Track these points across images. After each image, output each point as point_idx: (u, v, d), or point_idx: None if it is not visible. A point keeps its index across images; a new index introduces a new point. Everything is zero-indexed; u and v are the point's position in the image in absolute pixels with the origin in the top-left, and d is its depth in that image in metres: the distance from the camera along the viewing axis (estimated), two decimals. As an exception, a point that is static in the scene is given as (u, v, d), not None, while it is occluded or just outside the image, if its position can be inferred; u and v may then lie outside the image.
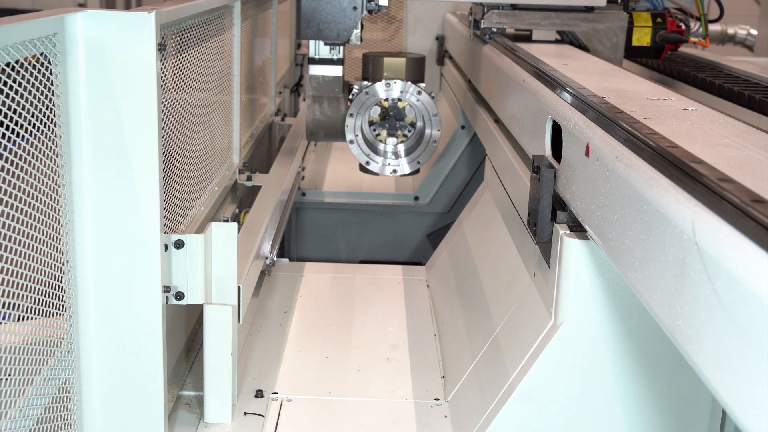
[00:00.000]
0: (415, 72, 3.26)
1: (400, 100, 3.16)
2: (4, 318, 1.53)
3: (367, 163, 3.22)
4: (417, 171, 3.26)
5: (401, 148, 3.26)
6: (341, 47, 3.26)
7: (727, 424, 1.83)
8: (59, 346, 1.84)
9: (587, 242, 1.79)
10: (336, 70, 3.28)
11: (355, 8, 3.07)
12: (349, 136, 3.17)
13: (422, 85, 3.20)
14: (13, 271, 1.56)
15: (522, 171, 2.39)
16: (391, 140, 3.24)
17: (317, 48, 3.24)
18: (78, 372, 1.92)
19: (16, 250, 1.57)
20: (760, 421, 0.95)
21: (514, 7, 3.19)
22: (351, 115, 3.14)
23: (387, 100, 3.20)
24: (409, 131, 3.26)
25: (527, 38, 3.33)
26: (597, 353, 1.84)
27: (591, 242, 1.78)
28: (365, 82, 3.21)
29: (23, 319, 1.62)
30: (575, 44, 3.26)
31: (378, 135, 3.25)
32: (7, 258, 1.54)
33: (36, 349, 1.71)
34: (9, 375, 1.60)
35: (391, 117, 3.23)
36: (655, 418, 1.87)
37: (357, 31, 3.13)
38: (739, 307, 1.01)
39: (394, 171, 3.25)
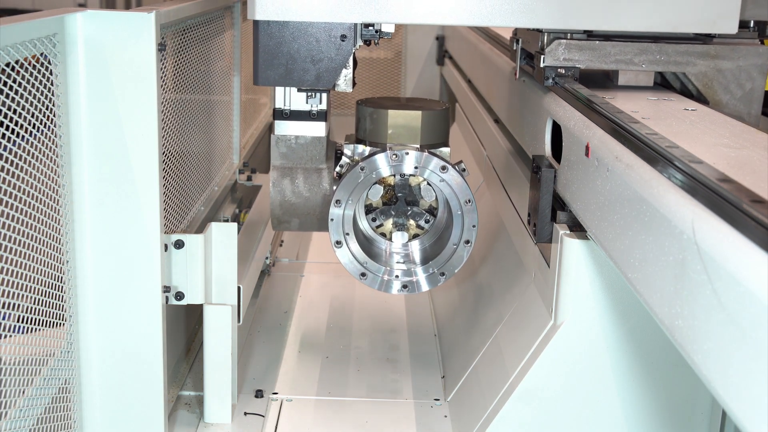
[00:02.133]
0: (436, 130, 2.30)
1: (413, 175, 2.27)
2: (4, 318, 1.53)
3: (363, 275, 2.26)
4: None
5: (415, 248, 2.36)
6: (323, 95, 2.30)
7: (727, 425, 1.83)
8: (59, 346, 1.84)
9: (587, 242, 1.79)
10: (315, 129, 2.32)
11: (344, 38, 2.05)
12: (334, 235, 2.21)
13: (446, 151, 2.29)
14: (13, 271, 1.56)
15: (522, 171, 2.39)
16: (400, 236, 2.34)
17: (287, 95, 2.30)
18: (78, 372, 1.92)
19: (16, 250, 1.56)
20: (760, 421, 0.95)
21: (589, 35, 2.10)
22: (338, 202, 2.18)
23: (393, 176, 2.30)
24: (428, 220, 2.34)
25: (602, 80, 2.25)
26: (597, 353, 1.84)
27: (591, 242, 1.78)
28: (360, 147, 2.29)
29: (23, 319, 1.62)
30: (686, 93, 2.16)
31: (379, 226, 2.35)
32: (7, 258, 1.54)
33: (36, 349, 1.71)
34: (9, 375, 1.60)
35: (400, 199, 2.32)
36: (655, 418, 1.87)
37: (347, 72, 2.11)
38: (738, 308, 1.01)
39: (405, 287, 2.28)
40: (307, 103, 2.29)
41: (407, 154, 2.16)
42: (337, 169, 2.29)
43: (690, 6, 2.00)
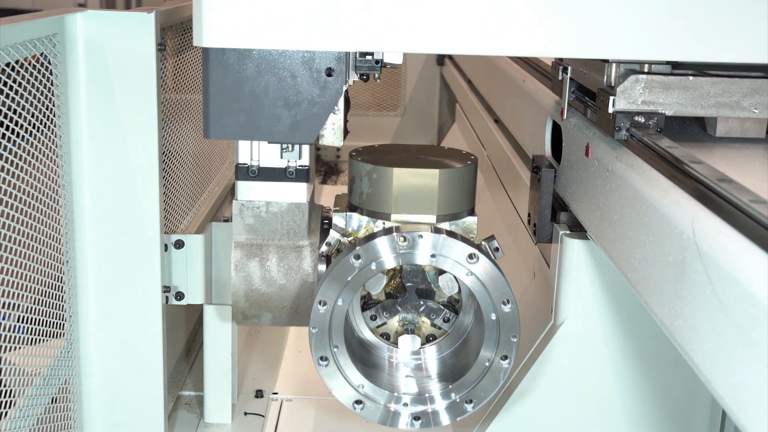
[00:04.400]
0: (460, 194, 1.75)
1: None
2: (4, 318, 1.53)
3: (359, 403, 1.70)
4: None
5: (430, 357, 1.81)
6: (303, 147, 1.77)
7: (727, 425, 1.83)
8: (59, 346, 1.84)
9: (587, 242, 1.79)
10: (294, 193, 1.78)
11: (330, 72, 1.51)
12: (318, 350, 1.65)
13: (472, 222, 1.76)
14: (13, 271, 1.56)
15: (522, 171, 2.39)
16: (409, 340, 1.76)
17: (255, 147, 1.77)
18: (78, 372, 1.92)
19: (16, 250, 1.57)
20: (759, 421, 0.95)
21: (676, 67, 1.57)
22: (323, 303, 1.61)
23: (400, 268, 1.74)
24: (448, 319, 1.80)
25: (684, 126, 1.72)
26: (597, 353, 1.84)
27: (591, 242, 1.78)
28: (355, 217, 1.74)
29: (23, 319, 1.63)
30: None
31: (381, 325, 1.80)
32: (7, 258, 1.54)
33: (36, 350, 1.71)
34: (10, 375, 1.60)
35: (410, 289, 1.76)
36: (654, 418, 1.87)
37: (337, 119, 1.60)
38: (738, 308, 1.01)
39: (417, 419, 1.71)
40: (282, 157, 1.75)
41: (421, 237, 1.58)
42: (324, 247, 1.71)
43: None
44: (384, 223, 1.72)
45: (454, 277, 1.70)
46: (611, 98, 1.54)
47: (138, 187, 1.86)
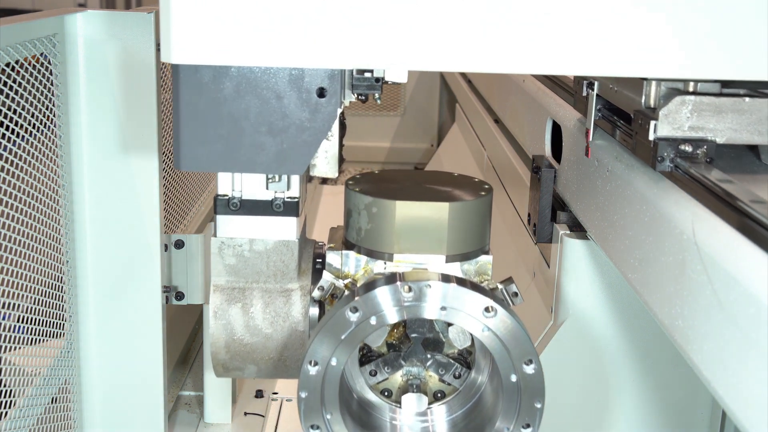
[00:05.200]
0: (473, 230, 1.55)
1: None
2: (4, 318, 1.53)
3: None
4: None
5: (439, 420, 1.56)
6: (292, 176, 1.55)
7: (727, 425, 1.83)
8: (59, 346, 1.84)
9: (587, 242, 1.79)
10: (282, 229, 1.56)
11: (322, 93, 1.29)
12: (308, 418, 1.41)
13: (486, 262, 1.57)
14: (13, 271, 1.56)
15: (522, 171, 2.39)
16: (415, 399, 1.50)
17: (237, 178, 1.55)
18: (78, 372, 1.92)
19: (16, 250, 1.56)
20: (760, 421, 0.95)
21: (724, 86, 1.33)
22: (314, 363, 1.38)
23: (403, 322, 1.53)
24: (459, 375, 1.56)
25: (724, 152, 1.45)
26: (597, 353, 1.84)
27: (591, 242, 1.78)
28: (352, 255, 1.53)
29: (23, 319, 1.62)
30: None
31: (382, 381, 1.57)
32: (7, 258, 1.54)
33: (36, 350, 1.71)
34: (10, 375, 1.60)
35: (415, 341, 1.54)
36: (654, 418, 1.87)
37: (331, 146, 1.48)
38: (738, 308, 1.00)
39: None
40: (267, 188, 1.55)
41: (429, 287, 1.36)
42: (316, 292, 1.50)
43: None
44: (385, 264, 1.51)
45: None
46: (652, 123, 1.31)
47: (138, 187, 1.86)
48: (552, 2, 1.15)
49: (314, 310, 1.55)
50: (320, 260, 1.60)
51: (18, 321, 1.60)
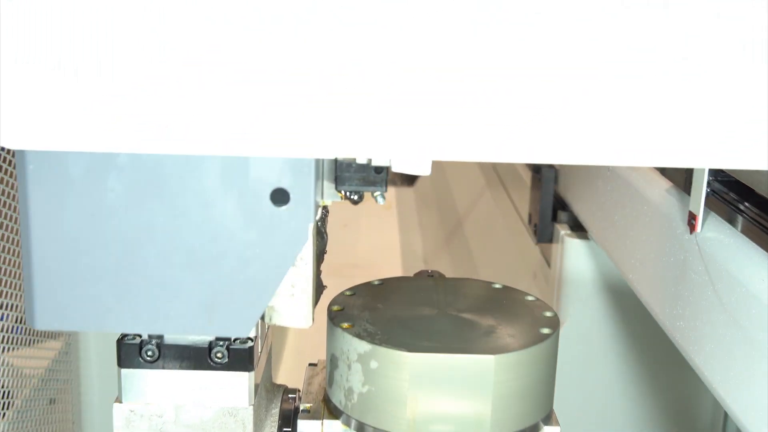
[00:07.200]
0: (534, 396, 1.01)
1: None
2: (2, 318, 1.53)
3: None
4: None
5: None
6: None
7: (729, 426, 1.83)
8: (58, 347, 1.84)
9: (587, 242, 1.79)
10: (227, 391, 0.97)
11: (283, 197, 0.79)
12: None
13: None
14: (12, 271, 1.56)
15: (522, 171, 2.38)
16: None
17: None
18: (77, 373, 1.91)
19: (16, 250, 1.56)
20: (761, 422, 0.95)
21: None
22: None
23: None
24: None
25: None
26: (597, 353, 1.84)
27: (591, 242, 1.78)
28: (339, 427, 1.00)
29: (22, 319, 1.62)
30: None
31: None
32: (6, 258, 1.54)
33: (35, 351, 1.70)
34: (8, 376, 1.59)
35: None
36: (656, 419, 1.87)
37: (300, 278, 0.90)
38: (740, 309, 1.00)
39: None
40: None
41: None
42: None
43: None
44: None
45: None
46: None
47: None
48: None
49: None
50: (288, 431, 1.07)
51: (17, 321, 1.60)
